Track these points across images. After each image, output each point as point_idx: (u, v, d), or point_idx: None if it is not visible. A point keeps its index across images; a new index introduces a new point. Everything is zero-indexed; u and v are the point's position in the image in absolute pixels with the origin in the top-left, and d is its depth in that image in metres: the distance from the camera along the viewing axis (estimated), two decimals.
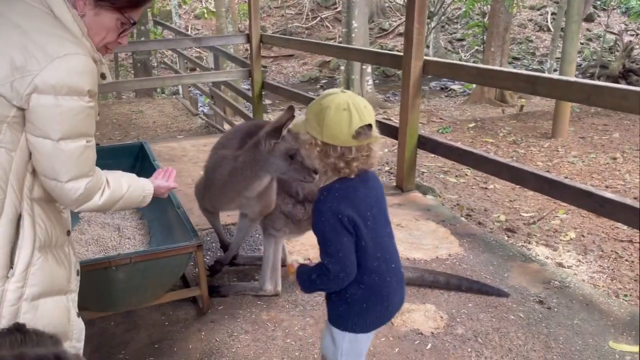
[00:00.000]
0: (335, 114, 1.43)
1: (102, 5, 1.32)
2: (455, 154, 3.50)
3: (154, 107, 8.99)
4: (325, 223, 1.47)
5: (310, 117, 1.48)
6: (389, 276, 1.59)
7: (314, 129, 1.47)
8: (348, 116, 1.43)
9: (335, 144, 1.44)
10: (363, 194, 1.52)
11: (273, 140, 2.16)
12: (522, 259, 2.95)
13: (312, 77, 19.89)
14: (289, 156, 2.16)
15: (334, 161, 1.47)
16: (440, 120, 9.92)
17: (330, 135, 1.44)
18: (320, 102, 1.47)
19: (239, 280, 2.71)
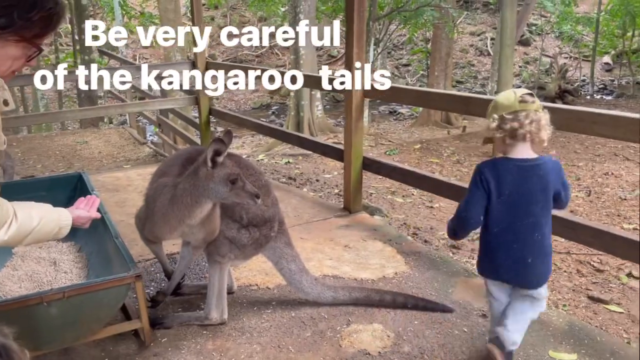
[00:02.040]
0: (503, 94, 1.97)
1: (8, 38, 1.30)
2: (398, 174, 3.58)
3: (100, 137, 8.79)
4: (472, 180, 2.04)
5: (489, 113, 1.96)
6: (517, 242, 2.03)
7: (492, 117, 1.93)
8: (512, 91, 1.94)
9: (509, 111, 1.89)
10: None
11: (211, 166, 2.16)
12: (465, 274, 3.01)
13: (264, 104, 19.97)
14: (230, 181, 2.16)
15: (510, 127, 1.89)
16: (389, 142, 10.13)
17: (502, 107, 1.92)
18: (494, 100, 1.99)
19: (184, 311, 2.64)
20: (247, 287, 2.86)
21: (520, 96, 1.90)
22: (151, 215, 2.35)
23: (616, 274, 3.81)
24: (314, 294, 2.64)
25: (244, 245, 2.46)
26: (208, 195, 2.19)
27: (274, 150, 9.64)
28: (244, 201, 2.20)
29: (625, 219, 4.91)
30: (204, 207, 2.23)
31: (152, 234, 2.40)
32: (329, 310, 2.62)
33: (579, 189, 5.81)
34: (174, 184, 2.27)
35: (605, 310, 3.37)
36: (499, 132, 1.92)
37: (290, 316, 2.59)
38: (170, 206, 2.26)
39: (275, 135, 5.09)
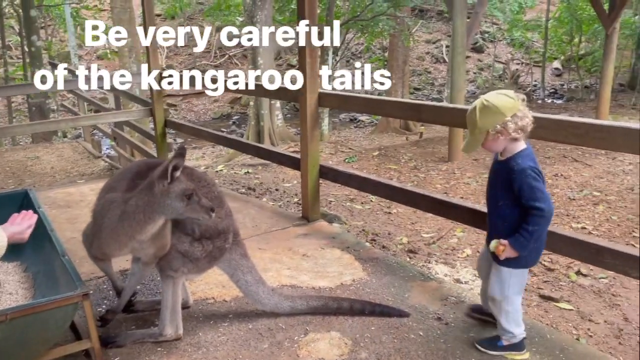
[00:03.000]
0: (495, 97, 2.06)
1: None
2: (354, 182, 3.60)
3: (53, 152, 8.54)
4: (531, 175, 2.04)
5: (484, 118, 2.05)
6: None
7: (498, 118, 2.03)
8: (505, 96, 2.06)
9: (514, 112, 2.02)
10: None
11: (167, 182, 2.13)
12: (421, 278, 3.06)
13: (224, 114, 19.83)
14: (186, 197, 2.14)
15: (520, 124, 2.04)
16: (349, 150, 10.20)
17: (509, 108, 2.03)
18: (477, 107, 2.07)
19: (137, 328, 2.58)
20: (204, 301, 2.82)
21: (518, 96, 2.09)
22: (99, 231, 2.29)
23: (566, 272, 3.94)
24: (271, 305, 2.63)
25: (197, 258, 2.42)
26: (163, 212, 2.16)
27: (235, 160, 9.57)
28: (199, 216, 2.19)
29: (574, 219, 5.09)
30: (156, 223, 2.20)
31: (100, 251, 2.34)
32: (286, 320, 2.61)
33: None
34: (124, 200, 2.23)
35: (556, 308, 3.47)
36: (513, 132, 2.04)
37: (248, 328, 2.57)
38: (121, 222, 2.21)
39: (233, 145, 5.05)
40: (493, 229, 2.24)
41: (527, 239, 2.07)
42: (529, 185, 2.04)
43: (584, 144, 2.34)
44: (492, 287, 2.26)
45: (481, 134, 2.09)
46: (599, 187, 6.07)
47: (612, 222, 4.99)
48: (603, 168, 6.81)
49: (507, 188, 2.10)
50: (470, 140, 2.15)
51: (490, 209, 2.27)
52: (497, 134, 2.06)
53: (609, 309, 3.47)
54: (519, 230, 2.08)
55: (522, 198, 2.06)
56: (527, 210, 2.06)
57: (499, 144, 2.11)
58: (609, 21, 9.09)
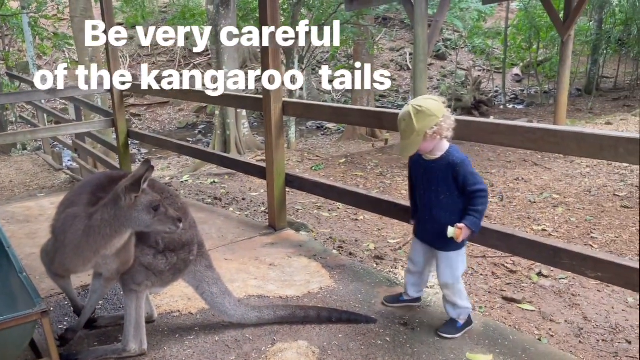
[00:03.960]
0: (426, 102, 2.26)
1: None
2: (320, 190, 3.62)
3: (11, 165, 8.30)
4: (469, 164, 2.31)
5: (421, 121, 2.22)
6: None
7: (432, 120, 2.23)
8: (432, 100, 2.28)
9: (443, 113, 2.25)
10: None
11: (133, 194, 2.10)
12: (387, 284, 3.09)
13: (190, 123, 19.60)
14: (153, 209, 2.11)
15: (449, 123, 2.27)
16: (316, 157, 10.23)
17: (439, 110, 2.24)
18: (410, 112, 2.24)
19: (100, 344, 2.52)
20: (169, 314, 2.78)
21: (441, 99, 2.32)
22: (62, 248, 2.23)
23: (527, 274, 4.04)
24: (238, 316, 2.61)
25: (161, 271, 2.39)
26: (130, 225, 2.13)
27: (201, 170, 9.47)
28: (166, 228, 2.17)
29: (535, 221, 5.23)
30: (123, 237, 2.17)
31: (62, 267, 2.28)
32: (253, 331, 2.60)
33: (492, 194, 6.13)
34: (88, 214, 2.18)
35: (519, 309, 3.56)
36: (445, 130, 2.27)
37: (214, 340, 2.54)
38: (85, 237, 2.16)
39: (197, 155, 5.01)
40: (433, 221, 2.42)
41: (479, 218, 2.32)
42: (471, 172, 2.31)
43: (538, 149, 2.41)
44: (444, 274, 2.47)
45: (419, 136, 2.25)
46: (558, 189, 6.26)
47: (571, 224, 5.15)
48: (562, 171, 7.03)
49: (449, 181, 2.33)
50: (407, 144, 2.30)
51: (429, 204, 2.43)
52: (434, 134, 2.25)
53: (569, 309, 3.58)
54: (469, 212, 2.31)
55: (467, 185, 2.30)
56: (472, 194, 2.30)
57: (434, 144, 2.31)
58: (564, 29, 9.41)
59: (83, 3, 11.04)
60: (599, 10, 17.45)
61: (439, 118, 2.23)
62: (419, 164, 2.45)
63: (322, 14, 14.19)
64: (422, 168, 2.43)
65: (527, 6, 17.71)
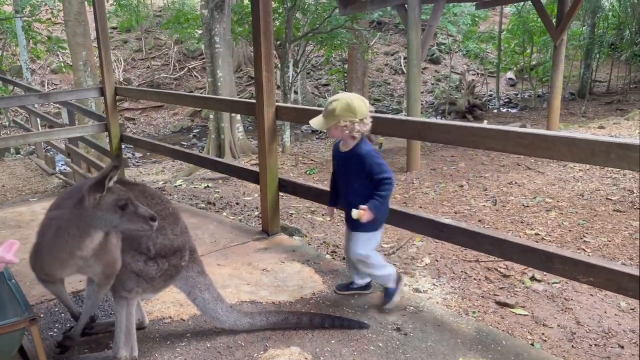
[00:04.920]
0: (358, 101, 2.58)
1: None
2: (312, 194, 3.62)
3: (4, 170, 8.24)
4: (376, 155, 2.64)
5: (342, 111, 2.55)
6: None
7: (350, 115, 2.55)
8: (364, 103, 2.60)
9: (362, 118, 2.58)
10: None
11: (98, 194, 2.06)
12: (380, 289, 3.07)
13: (184, 127, 19.59)
14: (119, 207, 2.07)
15: (365, 129, 2.62)
16: (311, 161, 10.22)
17: (361, 113, 2.57)
18: (342, 100, 2.57)
19: (91, 351, 2.50)
20: (160, 321, 2.76)
21: (369, 107, 2.64)
22: (40, 250, 2.21)
23: (520, 279, 4.04)
24: (230, 322, 2.60)
25: (152, 278, 2.37)
26: (97, 225, 2.08)
27: (195, 174, 9.45)
28: (138, 227, 2.10)
29: (528, 225, 5.23)
30: (94, 237, 2.11)
31: (43, 271, 2.26)
32: (246, 337, 2.59)
33: (486, 198, 6.14)
34: (61, 216, 2.16)
35: (512, 314, 3.55)
36: (355, 132, 2.60)
37: (206, 347, 2.52)
38: (56, 239, 2.13)
39: (190, 159, 4.99)
40: (349, 206, 2.71)
41: (381, 202, 2.62)
42: (376, 162, 2.62)
43: (530, 154, 2.41)
44: (356, 250, 2.76)
45: (333, 120, 2.58)
46: (551, 194, 6.27)
47: (564, 228, 5.16)
48: (555, 175, 7.05)
49: (360, 170, 2.64)
50: (320, 120, 2.65)
51: (346, 190, 2.79)
52: (344, 127, 2.59)
53: (562, 313, 3.58)
54: (373, 197, 2.60)
55: (374, 174, 2.60)
56: (378, 181, 2.60)
57: (339, 134, 2.65)
58: (557, 33, 9.46)
59: (77, 7, 11.02)
60: (591, 15, 17.56)
61: (356, 118, 2.56)
62: (337, 156, 2.78)
63: (317, 18, 14.23)
64: (339, 159, 2.76)
65: (521, 10, 17.81)
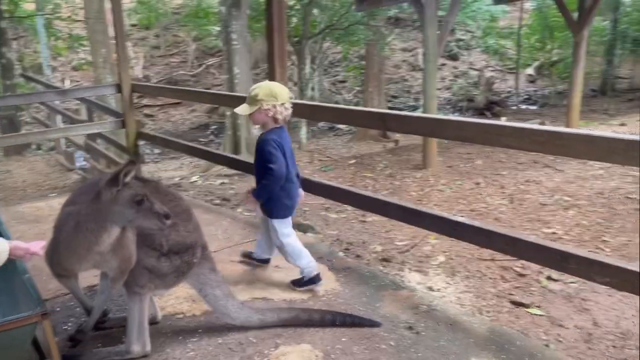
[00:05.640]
0: (279, 87, 2.79)
1: None
2: (325, 191, 3.60)
3: (24, 166, 8.39)
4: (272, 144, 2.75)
5: (265, 95, 2.73)
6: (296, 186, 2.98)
7: (272, 99, 2.73)
8: (284, 89, 2.81)
9: (283, 102, 2.76)
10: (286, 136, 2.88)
11: (114, 188, 2.08)
12: (393, 287, 3.06)
13: (202, 124, 19.69)
14: (135, 202, 2.09)
15: (283, 114, 2.79)
16: (327, 158, 10.21)
17: (283, 98, 2.76)
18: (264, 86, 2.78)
19: (104, 345, 2.53)
20: (173, 316, 2.78)
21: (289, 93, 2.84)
22: (58, 246, 2.24)
23: (537, 278, 3.98)
24: (241, 319, 2.60)
25: (164, 274, 2.39)
26: (113, 219, 2.11)
27: (212, 170, 9.48)
28: (152, 223, 2.13)
29: (545, 224, 5.15)
30: (111, 232, 2.14)
31: (61, 266, 2.29)
32: (257, 334, 2.59)
33: (502, 196, 6.06)
34: (78, 211, 2.18)
35: (527, 314, 3.50)
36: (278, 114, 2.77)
37: (217, 343, 2.53)
38: (75, 234, 2.16)
39: (206, 156, 5.02)
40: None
41: (261, 190, 2.82)
42: (268, 151, 2.75)
43: (545, 152, 2.36)
44: (273, 239, 3.00)
45: (257, 105, 2.75)
46: (570, 192, 6.17)
47: (582, 227, 5.07)
48: (574, 173, 6.93)
49: (259, 157, 2.82)
50: (246, 107, 2.80)
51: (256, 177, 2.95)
52: (267, 110, 2.75)
53: (579, 314, 3.52)
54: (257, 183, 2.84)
55: (263, 160, 2.77)
56: (264, 170, 2.76)
57: (262, 118, 2.79)
58: (577, 28, 9.28)
59: (97, 5, 11.13)
60: (613, 10, 17.19)
61: (277, 102, 2.74)
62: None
63: (334, 14, 14.17)
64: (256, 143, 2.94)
65: (541, 6, 17.52)
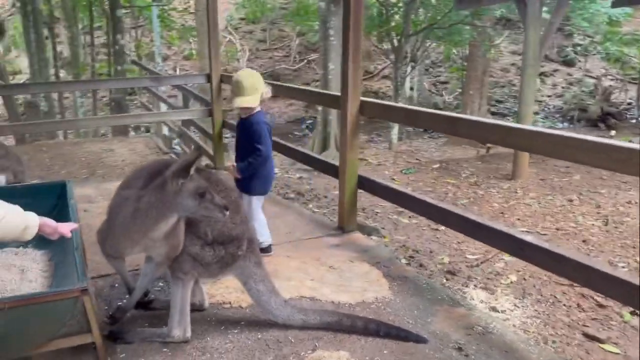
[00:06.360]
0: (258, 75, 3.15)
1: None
2: (391, 195, 3.46)
3: (126, 146, 8.96)
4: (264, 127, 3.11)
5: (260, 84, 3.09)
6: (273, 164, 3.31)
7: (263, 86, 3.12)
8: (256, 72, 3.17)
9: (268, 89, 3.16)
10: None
11: (180, 180, 2.13)
12: (450, 302, 2.87)
13: (298, 117, 20.06)
14: (199, 195, 2.13)
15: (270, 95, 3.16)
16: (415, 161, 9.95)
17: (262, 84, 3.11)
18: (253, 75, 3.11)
19: (150, 326, 2.60)
20: (220, 305, 2.80)
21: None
22: (113, 228, 2.33)
23: (619, 311, 3.55)
24: (282, 317, 2.56)
25: (208, 263, 2.41)
26: (175, 209, 2.17)
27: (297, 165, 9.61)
28: (212, 214, 2.18)
29: None
30: (169, 221, 2.20)
31: (113, 248, 2.38)
32: (297, 333, 2.53)
33: (597, 217, 5.50)
34: (137, 197, 2.25)
35: (600, 349, 3.13)
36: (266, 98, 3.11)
37: (256, 338, 2.51)
38: (133, 220, 2.23)
39: (282, 150, 5.03)
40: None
41: (246, 166, 3.11)
42: (258, 132, 3.07)
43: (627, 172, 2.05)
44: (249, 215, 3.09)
45: (259, 93, 3.05)
46: None
47: None
48: None
49: (249, 137, 3.09)
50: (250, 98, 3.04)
51: (239, 154, 3.20)
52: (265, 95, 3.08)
53: None
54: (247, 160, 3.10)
55: (253, 141, 3.06)
56: (253, 149, 3.07)
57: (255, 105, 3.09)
58: None
59: None
60: None
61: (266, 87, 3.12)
62: (239, 122, 3.22)
63: (437, 12, 13.75)
64: (239, 125, 3.21)
65: None
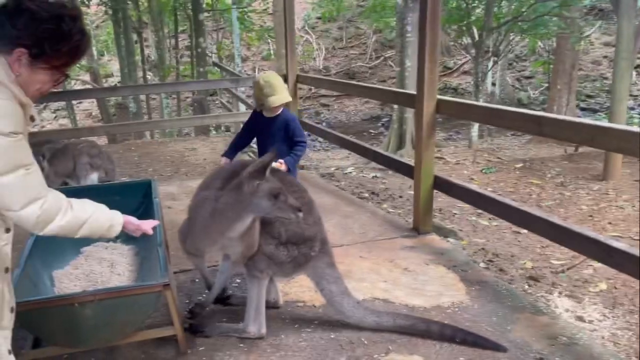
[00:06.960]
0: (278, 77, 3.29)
1: (39, 66, 1.43)
2: (468, 196, 3.36)
3: (207, 145, 9.31)
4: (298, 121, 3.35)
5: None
6: None
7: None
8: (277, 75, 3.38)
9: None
10: None
11: (256, 181, 2.18)
12: (532, 310, 2.73)
13: (374, 116, 19.95)
14: (273, 196, 2.18)
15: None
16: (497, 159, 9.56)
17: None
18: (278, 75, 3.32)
19: (228, 321, 2.68)
20: (294, 303, 2.84)
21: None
22: (192, 227, 2.42)
23: None
24: (355, 318, 2.56)
25: (281, 262, 2.45)
26: (251, 210, 2.22)
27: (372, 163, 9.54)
28: (286, 215, 2.23)
29: None
30: (245, 221, 2.27)
31: (193, 246, 2.48)
32: (370, 335, 2.52)
33: None
34: (216, 197, 2.33)
35: None
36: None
37: (329, 337, 2.52)
38: (212, 219, 2.32)
39: (354, 149, 5.01)
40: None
41: (296, 160, 3.23)
42: (299, 127, 3.29)
43: None
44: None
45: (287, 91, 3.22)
46: None
47: None
48: None
49: (287, 133, 3.23)
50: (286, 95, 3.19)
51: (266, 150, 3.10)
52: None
53: None
54: (290, 154, 3.19)
55: (295, 136, 3.23)
56: (297, 143, 3.23)
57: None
58: None
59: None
60: None
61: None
62: (259, 121, 3.32)
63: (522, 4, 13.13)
64: (262, 124, 3.30)
65: None
